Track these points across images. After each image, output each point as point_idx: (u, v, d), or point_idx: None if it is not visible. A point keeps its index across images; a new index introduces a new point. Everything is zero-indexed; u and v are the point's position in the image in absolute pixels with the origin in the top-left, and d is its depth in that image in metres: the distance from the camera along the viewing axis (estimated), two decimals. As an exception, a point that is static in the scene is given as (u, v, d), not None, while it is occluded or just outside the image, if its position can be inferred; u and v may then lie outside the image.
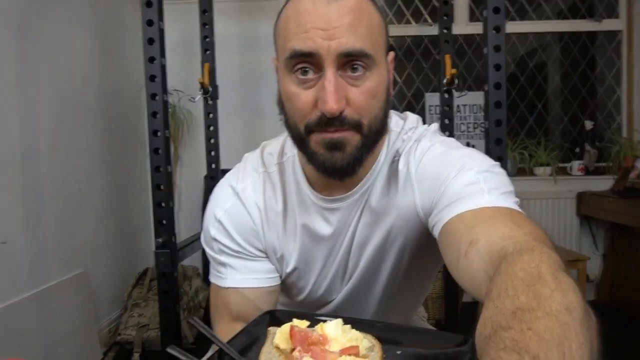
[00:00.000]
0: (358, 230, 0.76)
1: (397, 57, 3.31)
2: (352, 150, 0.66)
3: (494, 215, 0.59)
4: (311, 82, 0.64)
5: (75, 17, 2.29)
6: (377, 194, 0.75)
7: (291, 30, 0.64)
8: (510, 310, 0.39)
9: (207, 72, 2.05)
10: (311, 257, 0.79)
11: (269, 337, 0.56)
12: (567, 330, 0.36)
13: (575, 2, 3.25)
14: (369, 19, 0.65)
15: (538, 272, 0.43)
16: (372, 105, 0.66)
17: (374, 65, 0.65)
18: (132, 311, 2.38)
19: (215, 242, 0.80)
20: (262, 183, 0.80)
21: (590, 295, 3.04)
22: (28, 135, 1.93)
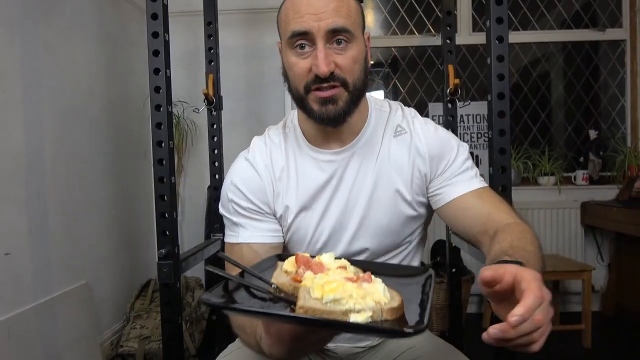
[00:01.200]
0: (361, 177, 0.95)
1: (401, 67, 3.33)
2: (342, 103, 0.87)
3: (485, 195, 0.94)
4: (307, 54, 0.86)
5: (81, 28, 2.31)
6: (375, 150, 0.96)
7: (290, 16, 0.86)
8: (510, 241, 0.76)
9: (211, 83, 2.05)
10: (312, 204, 0.96)
11: (278, 267, 0.70)
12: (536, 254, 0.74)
13: (578, 12, 3.26)
14: (348, 4, 0.86)
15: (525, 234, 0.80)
16: (354, 68, 0.87)
17: (354, 39, 0.86)
18: (134, 323, 2.37)
19: (231, 203, 0.97)
20: (268, 149, 1.00)
21: (596, 305, 3.01)
22: (33, 146, 1.93)
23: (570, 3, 3.26)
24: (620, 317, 2.90)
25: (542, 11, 3.24)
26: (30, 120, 1.92)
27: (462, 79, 3.23)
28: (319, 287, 0.58)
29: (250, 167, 0.98)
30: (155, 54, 1.42)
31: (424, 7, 3.26)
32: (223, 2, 2.19)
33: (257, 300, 0.64)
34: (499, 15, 1.32)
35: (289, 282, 0.65)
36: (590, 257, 3.07)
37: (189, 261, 1.61)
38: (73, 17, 2.25)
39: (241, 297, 0.65)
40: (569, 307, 3.06)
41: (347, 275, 0.61)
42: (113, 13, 2.63)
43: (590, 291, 2.47)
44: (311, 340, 0.63)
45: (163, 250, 1.42)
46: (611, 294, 2.97)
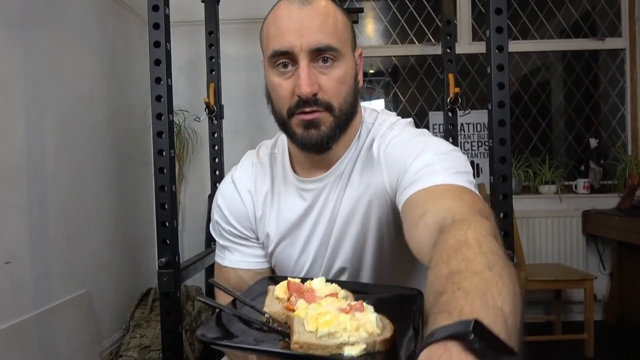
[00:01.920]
0: (342, 206, 0.87)
1: (401, 76, 3.34)
2: (326, 128, 0.79)
3: (443, 192, 0.69)
4: (289, 73, 0.78)
5: (83, 37, 2.32)
6: (357, 174, 0.87)
7: (271, 33, 0.80)
8: (445, 275, 0.46)
9: (213, 92, 2.06)
10: (293, 233, 0.91)
11: (270, 292, 0.70)
12: (489, 283, 0.42)
13: (577, 21, 3.27)
14: (334, 20, 0.79)
15: (465, 239, 0.50)
16: (341, 90, 0.79)
17: (341, 57, 0.79)
18: (134, 332, 2.35)
19: (217, 225, 0.96)
20: (254, 171, 0.95)
21: (598, 315, 3.00)
22: (34, 155, 1.94)
23: (569, 12, 3.28)
24: (623, 326, 2.88)
25: (542, 20, 3.26)
26: (32, 128, 1.93)
27: (462, 87, 3.24)
28: (313, 319, 0.58)
29: (235, 190, 0.95)
30: (157, 63, 1.42)
31: (424, 17, 3.28)
32: (224, 12, 2.20)
33: (252, 330, 0.64)
34: (499, 24, 1.33)
35: (282, 311, 0.65)
36: (592, 266, 3.06)
37: (189, 270, 1.60)
38: (75, 26, 2.26)
39: (236, 328, 0.65)
40: (571, 316, 3.04)
41: (339, 304, 0.61)
42: (115, 22, 2.64)
43: (592, 300, 2.46)
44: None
45: (163, 259, 1.42)
46: (613, 303, 2.96)
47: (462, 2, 3.22)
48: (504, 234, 1.33)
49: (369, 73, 3.41)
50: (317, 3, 0.78)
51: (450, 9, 2.09)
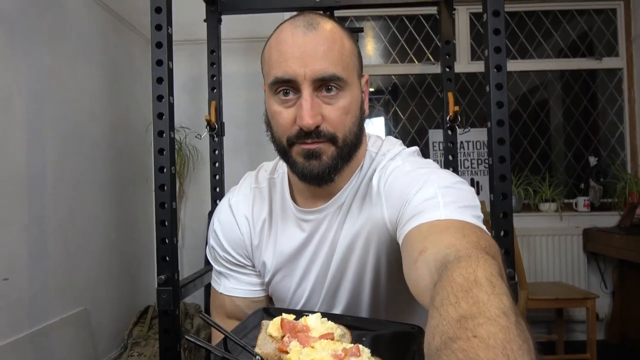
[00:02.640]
0: (340, 238, 0.82)
1: (401, 94, 3.37)
2: (327, 159, 0.74)
3: (445, 227, 0.62)
4: (291, 101, 0.74)
5: (86, 55, 2.35)
6: (356, 206, 0.82)
7: (273, 58, 0.75)
8: (454, 318, 0.40)
9: (214, 109, 2.08)
10: (291, 264, 0.87)
11: (263, 328, 0.68)
12: (508, 334, 0.38)
13: (574, 41, 3.31)
14: (340, 47, 0.74)
15: (475, 278, 0.45)
16: (345, 121, 0.74)
17: (347, 86, 0.74)
18: (132, 350, 2.33)
19: (213, 250, 0.93)
20: (252, 197, 0.91)
21: (600, 334, 2.97)
22: (34, 171, 1.94)
23: (566, 32, 3.32)
24: (626, 345, 2.85)
25: (540, 40, 3.30)
26: (33, 144, 1.94)
27: (461, 106, 3.26)
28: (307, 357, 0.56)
29: (231, 216, 0.91)
30: (159, 81, 1.44)
31: (423, 37, 3.32)
32: (226, 31, 2.23)
33: None
34: (497, 44, 1.35)
35: (274, 352, 0.63)
36: (594, 284, 3.04)
37: (188, 287, 1.59)
38: (78, 43, 2.29)
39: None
40: (573, 335, 3.01)
41: (334, 347, 0.58)
42: (118, 41, 2.68)
43: (594, 319, 2.44)
44: None
45: (163, 276, 1.41)
46: (616, 322, 2.93)
47: (461, 22, 3.27)
48: (504, 252, 1.32)
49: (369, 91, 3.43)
50: (322, 28, 0.73)
51: (449, 29, 2.12)
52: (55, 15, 2.12)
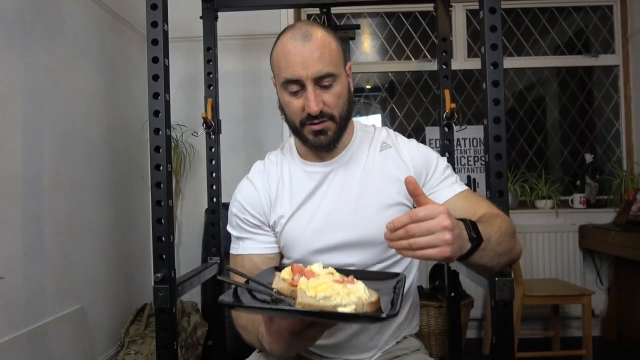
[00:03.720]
0: (348, 187, 1.08)
1: (398, 91, 3.37)
2: (332, 134, 1.03)
3: (468, 197, 1.09)
4: (299, 94, 1.00)
5: (82, 53, 2.34)
6: (361, 163, 1.10)
7: (282, 65, 1.00)
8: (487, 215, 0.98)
9: (210, 107, 2.07)
10: (302, 209, 1.08)
11: (277, 276, 0.84)
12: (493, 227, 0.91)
13: (571, 38, 3.32)
14: (329, 49, 0.99)
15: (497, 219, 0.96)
16: (339, 102, 1.02)
17: (337, 77, 1.01)
18: (128, 348, 2.32)
19: (234, 217, 1.13)
20: (266, 168, 1.16)
21: (596, 330, 2.98)
22: (31, 170, 1.94)
23: (563, 30, 3.33)
24: (622, 342, 2.87)
25: (536, 37, 3.30)
26: (29, 143, 1.93)
27: (458, 103, 3.27)
28: (313, 288, 0.72)
29: (250, 185, 1.13)
30: (155, 79, 1.43)
31: (420, 34, 3.32)
32: (222, 28, 2.22)
33: (263, 302, 0.79)
34: (494, 41, 1.35)
35: (287, 287, 0.79)
36: (590, 281, 3.05)
37: (185, 285, 1.59)
38: (74, 42, 2.28)
39: (248, 300, 0.79)
40: (569, 332, 3.03)
41: (334, 277, 0.76)
42: (114, 38, 2.66)
43: (590, 316, 2.45)
44: (307, 335, 0.77)
45: (159, 274, 1.40)
46: (612, 319, 2.95)
47: (458, 19, 3.27)
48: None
49: (366, 88, 3.43)
50: (315, 37, 0.98)
51: (445, 26, 2.12)
52: (52, 13, 2.10)
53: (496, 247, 0.89)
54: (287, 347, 0.80)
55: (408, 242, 0.72)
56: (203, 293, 2.89)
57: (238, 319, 1.00)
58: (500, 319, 1.30)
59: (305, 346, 0.83)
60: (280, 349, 0.81)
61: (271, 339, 0.81)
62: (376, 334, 1.09)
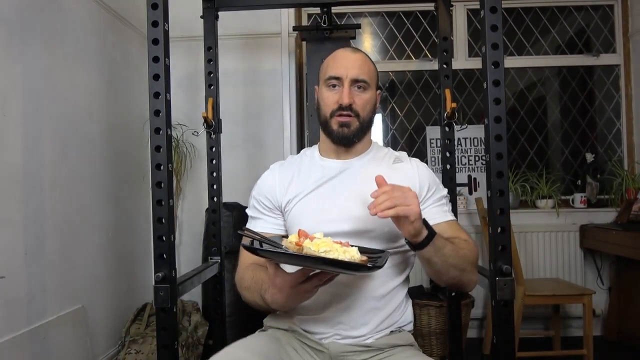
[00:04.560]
0: (357, 186, 1.19)
1: (398, 91, 3.37)
2: (354, 128, 1.21)
3: (454, 226, 1.23)
4: (336, 91, 1.21)
5: (83, 52, 2.34)
6: (372, 170, 1.19)
7: (330, 65, 1.23)
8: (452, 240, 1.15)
9: (211, 106, 2.07)
10: (311, 194, 1.22)
11: (285, 240, 1.00)
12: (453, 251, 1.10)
13: (572, 38, 3.31)
14: (369, 65, 1.25)
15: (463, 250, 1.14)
16: (366, 107, 1.23)
17: (369, 87, 1.23)
18: (129, 348, 2.33)
19: (252, 199, 1.31)
20: (287, 162, 1.35)
21: (597, 330, 2.98)
22: (31, 169, 1.94)
23: (564, 29, 3.32)
24: (623, 341, 2.86)
25: (537, 37, 3.30)
26: (30, 142, 1.93)
27: (459, 102, 3.27)
28: (316, 244, 0.90)
29: (270, 172, 1.33)
30: (156, 78, 1.43)
31: (420, 33, 3.32)
32: (223, 28, 2.22)
33: None
34: (495, 41, 1.34)
35: (294, 246, 0.94)
36: (591, 280, 3.05)
37: (185, 285, 1.59)
38: (75, 41, 2.28)
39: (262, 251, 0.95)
40: (570, 331, 3.02)
41: (333, 240, 0.93)
42: (114, 38, 2.66)
43: (591, 315, 2.45)
44: (305, 287, 0.96)
45: (160, 273, 1.40)
46: (612, 318, 2.95)
47: (459, 19, 3.26)
48: (501, 248, 1.33)
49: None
50: (361, 53, 1.25)
51: (446, 25, 2.12)
52: (52, 13, 2.10)
53: (448, 257, 1.07)
54: (287, 298, 0.99)
55: (390, 200, 0.95)
56: (204, 292, 2.89)
57: (242, 282, 1.18)
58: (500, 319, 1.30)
59: (302, 299, 1.01)
60: (280, 299, 1.00)
61: (274, 291, 0.99)
62: (368, 312, 1.15)
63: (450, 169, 2.08)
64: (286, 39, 3.03)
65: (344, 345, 1.14)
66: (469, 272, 1.14)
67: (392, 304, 1.19)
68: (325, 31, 2.28)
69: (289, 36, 3.03)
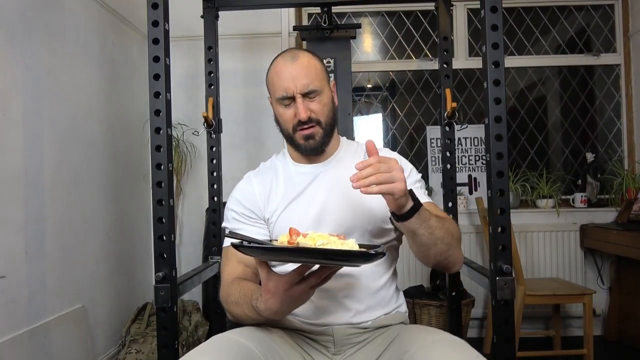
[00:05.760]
0: (335, 187, 1.19)
1: (399, 90, 3.37)
2: (319, 138, 1.19)
3: (432, 206, 1.18)
4: (290, 105, 1.17)
5: (83, 52, 2.34)
6: (347, 165, 1.19)
7: (276, 83, 1.18)
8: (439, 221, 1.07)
9: (211, 106, 2.07)
10: (293, 204, 1.20)
11: (275, 242, 0.93)
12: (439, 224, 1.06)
13: (572, 37, 3.31)
14: (314, 69, 1.18)
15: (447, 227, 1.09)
16: (324, 110, 1.19)
17: (322, 91, 1.18)
18: (129, 347, 2.33)
19: (230, 212, 1.25)
20: (261, 170, 1.32)
21: (597, 330, 2.98)
22: (32, 168, 1.94)
23: (564, 29, 3.32)
24: (623, 341, 2.86)
25: (537, 36, 3.30)
26: (30, 142, 1.93)
27: (459, 102, 3.26)
28: (312, 239, 0.84)
29: (246, 183, 1.28)
30: (156, 78, 1.43)
31: (421, 33, 3.32)
32: (223, 27, 2.22)
33: None
34: (495, 40, 1.34)
35: (286, 245, 0.86)
36: (591, 280, 3.05)
37: (186, 284, 1.59)
38: (75, 41, 2.28)
39: None
40: (570, 331, 3.02)
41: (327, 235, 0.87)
42: (115, 37, 2.66)
43: (591, 315, 2.44)
44: (300, 288, 0.90)
45: (160, 273, 1.41)
46: (613, 318, 2.94)
47: (459, 18, 3.26)
48: (502, 248, 1.33)
49: (367, 88, 3.43)
50: (301, 58, 1.17)
51: (446, 25, 2.12)
52: (53, 12, 2.11)
53: (435, 228, 1.04)
54: (281, 303, 0.92)
55: (375, 176, 0.90)
56: (204, 292, 2.89)
57: (228, 297, 1.11)
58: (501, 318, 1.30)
59: (298, 302, 0.95)
60: (274, 305, 0.93)
61: (267, 296, 0.93)
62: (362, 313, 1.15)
63: (451, 169, 2.08)
64: (286, 38, 3.03)
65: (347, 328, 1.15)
66: (454, 248, 1.11)
67: (385, 298, 1.20)
68: (326, 31, 2.28)
69: (289, 36, 3.03)
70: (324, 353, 1.14)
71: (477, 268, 1.62)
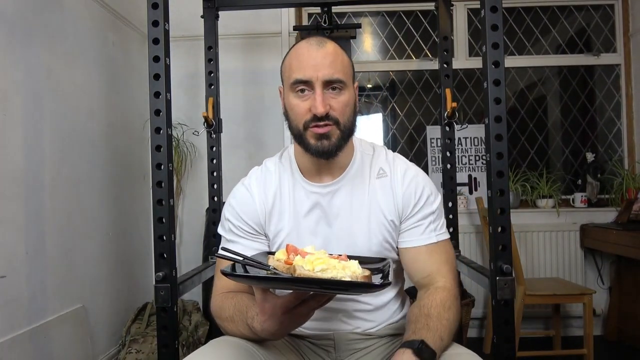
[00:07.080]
0: (345, 209, 1.08)
1: (399, 90, 3.37)
2: (335, 139, 1.01)
3: (434, 253, 1.08)
4: (306, 97, 1.00)
5: (83, 52, 2.34)
6: (365, 185, 1.10)
7: (294, 66, 1.01)
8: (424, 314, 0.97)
9: (211, 106, 2.07)
10: (300, 229, 1.09)
11: (270, 258, 0.85)
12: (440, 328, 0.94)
13: (572, 37, 3.31)
14: (342, 59, 1.02)
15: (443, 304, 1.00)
16: (345, 111, 1.02)
17: (346, 87, 1.02)
18: (130, 347, 2.33)
19: (227, 222, 1.12)
20: (263, 176, 1.14)
21: (597, 330, 2.98)
22: (32, 168, 1.94)
23: (564, 28, 3.32)
24: (623, 341, 2.86)
25: (538, 36, 3.30)
26: (30, 142, 1.93)
27: (459, 102, 3.26)
28: (310, 262, 0.75)
29: (246, 192, 1.13)
30: (156, 78, 1.43)
31: (421, 33, 3.32)
32: (223, 27, 2.23)
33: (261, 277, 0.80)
34: (495, 40, 1.35)
35: (282, 265, 0.79)
36: (591, 280, 3.05)
37: (186, 284, 1.59)
38: (75, 40, 2.28)
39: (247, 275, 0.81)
40: (570, 331, 3.02)
41: (328, 256, 0.79)
42: (115, 37, 2.66)
43: (591, 315, 2.44)
44: (300, 312, 0.82)
45: (160, 273, 1.41)
46: (613, 318, 2.94)
47: (459, 18, 3.26)
48: (502, 248, 1.33)
49: (367, 87, 3.43)
50: (328, 46, 1.01)
51: (447, 25, 2.12)
52: (53, 12, 2.11)
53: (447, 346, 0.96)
54: (279, 325, 0.84)
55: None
56: (204, 292, 2.89)
57: (221, 312, 1.01)
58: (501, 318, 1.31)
59: (297, 324, 0.87)
60: (272, 327, 0.85)
61: (264, 318, 0.85)
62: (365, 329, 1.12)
63: (451, 169, 2.08)
64: (286, 38, 3.03)
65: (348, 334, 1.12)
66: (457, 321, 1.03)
67: (391, 310, 1.16)
68: (326, 31, 2.28)
69: (290, 36, 3.03)
70: (325, 358, 1.13)
71: (477, 268, 1.62)
